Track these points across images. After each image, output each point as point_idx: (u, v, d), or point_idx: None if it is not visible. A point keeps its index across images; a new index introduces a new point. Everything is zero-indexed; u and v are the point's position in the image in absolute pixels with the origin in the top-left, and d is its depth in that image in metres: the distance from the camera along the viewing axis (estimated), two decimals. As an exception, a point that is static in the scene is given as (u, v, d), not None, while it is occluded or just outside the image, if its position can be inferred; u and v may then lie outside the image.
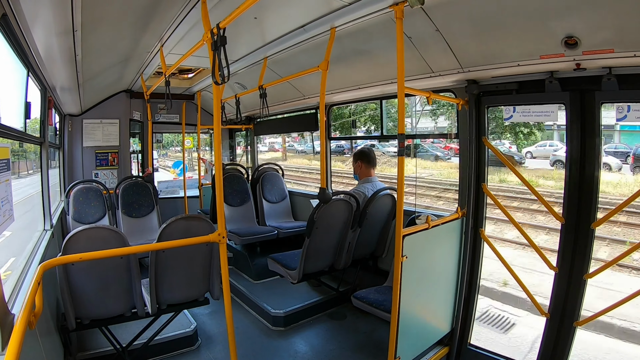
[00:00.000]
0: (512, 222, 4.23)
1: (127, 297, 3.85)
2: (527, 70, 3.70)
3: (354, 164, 5.55)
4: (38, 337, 2.79)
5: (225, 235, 3.36)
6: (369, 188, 5.23)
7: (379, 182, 5.44)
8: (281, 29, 4.68)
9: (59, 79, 5.20)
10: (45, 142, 5.13)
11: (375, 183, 5.36)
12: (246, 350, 4.67)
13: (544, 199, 3.90)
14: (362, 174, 5.44)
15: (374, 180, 5.40)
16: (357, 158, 5.50)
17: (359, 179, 5.48)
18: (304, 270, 4.80)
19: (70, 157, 7.99)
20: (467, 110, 4.24)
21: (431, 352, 4.37)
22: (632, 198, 3.51)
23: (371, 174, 5.43)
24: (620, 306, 3.47)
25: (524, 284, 4.07)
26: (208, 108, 9.40)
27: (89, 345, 4.39)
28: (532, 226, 13.59)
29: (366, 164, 5.43)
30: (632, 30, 2.95)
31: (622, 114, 3.47)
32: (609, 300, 6.06)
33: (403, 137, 3.25)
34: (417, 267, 3.81)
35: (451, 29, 3.78)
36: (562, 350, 3.78)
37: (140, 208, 7.17)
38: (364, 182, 5.37)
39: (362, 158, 5.45)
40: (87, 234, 3.47)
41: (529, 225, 13.65)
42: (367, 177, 5.41)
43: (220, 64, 3.06)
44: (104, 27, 4.07)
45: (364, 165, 5.44)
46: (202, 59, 6.04)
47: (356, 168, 5.52)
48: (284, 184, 8.00)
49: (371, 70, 5.11)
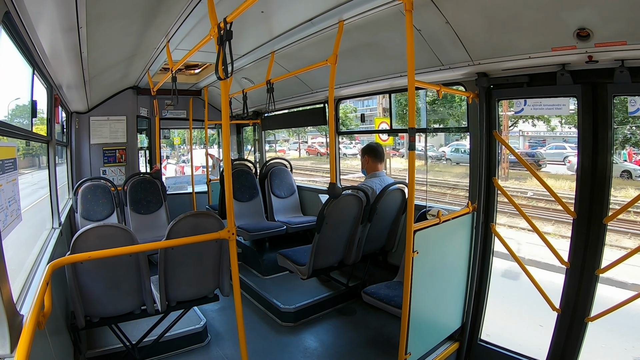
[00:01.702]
0: (523, 216, 4.18)
1: (137, 294, 3.85)
2: (538, 62, 3.63)
3: (362, 159, 5.55)
4: (47, 336, 2.79)
5: (235, 232, 3.33)
6: (377, 182, 5.22)
7: (386, 176, 5.42)
8: (289, 22, 4.65)
9: (65, 77, 5.18)
10: (52, 140, 5.14)
11: (382, 178, 5.34)
12: (256, 346, 4.67)
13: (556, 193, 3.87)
14: (370, 169, 5.44)
15: (382, 174, 5.39)
16: (364, 153, 5.50)
17: (366, 174, 5.47)
18: (314, 266, 4.78)
19: (78, 154, 8.00)
20: (478, 104, 4.20)
21: (442, 347, 4.34)
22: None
23: (378, 168, 5.42)
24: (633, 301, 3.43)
25: (535, 279, 4.03)
26: (215, 103, 9.39)
27: (98, 343, 4.41)
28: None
29: (373, 158, 5.42)
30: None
31: (634, 107, 3.43)
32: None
33: (414, 131, 3.21)
34: (428, 262, 3.78)
35: (461, 21, 3.73)
36: (573, 346, 3.75)
37: (149, 204, 7.19)
38: (372, 176, 5.37)
39: (369, 153, 5.44)
40: (95, 232, 3.46)
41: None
42: (374, 172, 5.40)
43: (225, 58, 3.04)
44: (109, 23, 4.03)
45: (370, 160, 5.43)
46: (208, 54, 6.01)
47: (363, 163, 5.52)
48: (293, 179, 7.98)
49: (380, 64, 5.07)
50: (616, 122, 20.97)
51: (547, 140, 28.49)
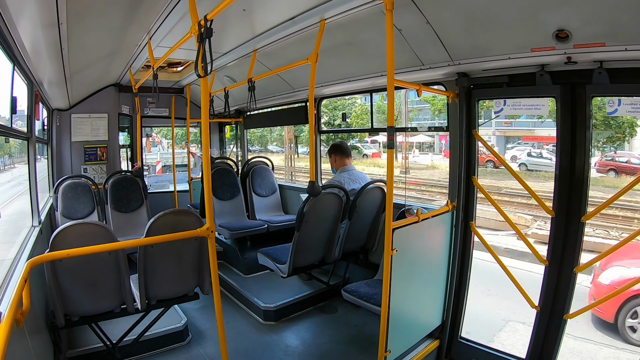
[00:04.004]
0: (502, 215, 4.23)
1: (116, 293, 3.81)
2: (518, 63, 3.68)
3: (330, 159, 5.70)
4: (27, 335, 2.76)
5: (213, 229, 3.33)
6: (346, 177, 5.35)
7: (355, 170, 5.54)
8: (270, 21, 4.64)
9: (45, 73, 5.12)
10: (32, 137, 5.07)
11: (352, 171, 5.48)
12: (237, 344, 4.66)
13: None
14: (338, 165, 5.58)
15: (351, 169, 5.54)
16: (330, 153, 5.69)
17: (336, 172, 5.59)
18: (294, 264, 4.79)
19: (59, 152, 7.88)
20: (458, 104, 4.23)
21: (422, 344, 4.37)
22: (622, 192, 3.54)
23: (346, 163, 5.58)
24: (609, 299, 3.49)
25: (514, 277, 4.07)
26: (197, 101, 9.31)
27: (79, 342, 4.36)
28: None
29: (340, 155, 5.59)
30: (623, 24, 2.94)
31: (612, 107, 3.48)
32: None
33: (393, 130, 3.22)
34: (407, 260, 3.81)
35: (442, 22, 3.77)
36: (552, 343, 3.81)
37: (130, 203, 7.11)
38: (341, 171, 5.51)
39: (335, 151, 5.63)
40: (74, 229, 3.43)
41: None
42: (343, 167, 5.53)
43: (205, 56, 3.03)
44: (90, 19, 4.01)
45: (338, 158, 5.60)
46: (190, 52, 5.96)
47: (332, 162, 5.69)
48: (274, 178, 7.98)
49: (361, 63, 5.09)
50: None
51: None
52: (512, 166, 4.89)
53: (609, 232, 12.78)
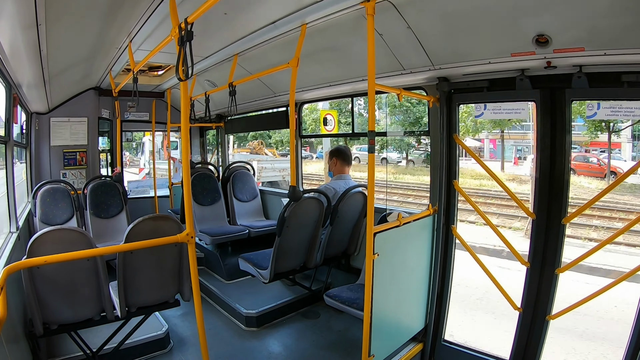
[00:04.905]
0: (483, 218, 4.26)
1: (96, 300, 3.75)
2: (498, 68, 3.72)
3: (329, 160, 5.59)
4: (4, 344, 2.70)
5: (193, 235, 3.29)
6: (341, 185, 5.26)
7: (352, 180, 5.46)
8: (252, 25, 4.60)
9: (24, 75, 5.03)
10: (10, 141, 4.98)
11: (347, 181, 5.39)
12: (219, 351, 4.61)
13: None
14: (337, 171, 5.49)
15: (347, 177, 5.44)
16: (332, 155, 5.56)
17: (332, 176, 5.48)
18: (276, 269, 4.77)
19: (38, 156, 7.73)
20: (439, 108, 4.25)
21: (405, 348, 4.38)
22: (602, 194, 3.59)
23: (345, 171, 5.48)
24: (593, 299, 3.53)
25: (497, 280, 4.09)
26: (178, 106, 9.19)
27: (58, 351, 4.27)
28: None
29: (342, 161, 5.49)
30: (602, 30, 3.00)
31: (592, 111, 3.54)
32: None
33: (373, 134, 3.23)
34: (389, 265, 3.81)
35: (422, 27, 3.79)
36: (535, 344, 3.85)
37: (109, 208, 6.99)
38: (337, 178, 5.43)
39: (338, 155, 5.51)
40: (52, 235, 3.37)
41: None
42: (340, 174, 5.45)
43: (185, 59, 3.00)
44: (69, 21, 3.95)
45: (339, 163, 5.49)
46: (171, 55, 5.92)
47: (331, 165, 5.56)
48: (255, 183, 7.95)
49: (342, 68, 5.10)
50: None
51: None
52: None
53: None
